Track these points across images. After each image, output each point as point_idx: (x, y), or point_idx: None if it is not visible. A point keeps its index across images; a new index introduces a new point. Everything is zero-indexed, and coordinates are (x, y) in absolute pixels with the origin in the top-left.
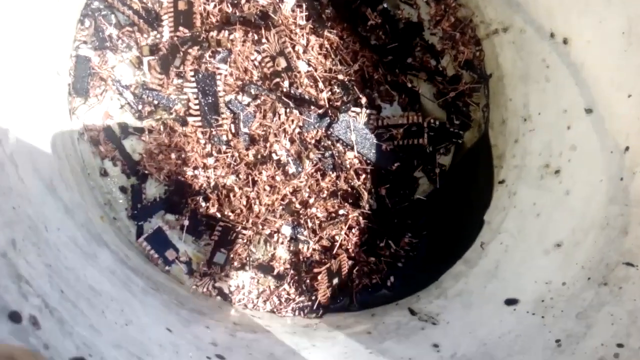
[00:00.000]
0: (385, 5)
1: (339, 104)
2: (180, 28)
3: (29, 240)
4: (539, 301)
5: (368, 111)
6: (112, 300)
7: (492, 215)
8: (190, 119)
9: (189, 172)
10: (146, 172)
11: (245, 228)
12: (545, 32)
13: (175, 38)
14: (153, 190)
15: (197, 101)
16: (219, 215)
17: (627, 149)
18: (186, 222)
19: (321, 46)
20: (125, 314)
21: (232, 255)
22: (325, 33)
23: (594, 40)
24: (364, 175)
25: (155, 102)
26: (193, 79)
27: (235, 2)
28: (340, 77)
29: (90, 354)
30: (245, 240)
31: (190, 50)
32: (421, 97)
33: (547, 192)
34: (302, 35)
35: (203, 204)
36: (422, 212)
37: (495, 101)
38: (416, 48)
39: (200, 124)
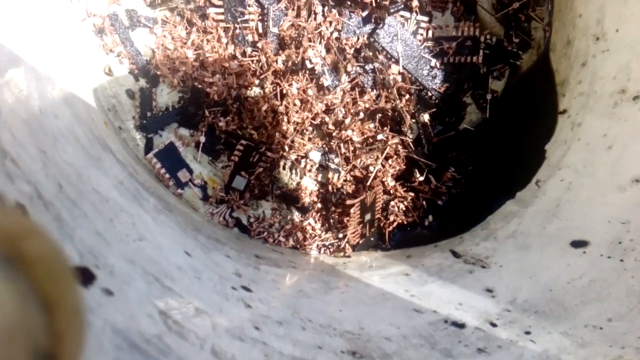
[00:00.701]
0: None
1: (386, 2)
2: None
3: (16, 113)
4: (616, 243)
5: (418, 17)
6: (121, 210)
7: (551, 150)
8: (211, 10)
9: (208, 77)
10: (158, 72)
11: (269, 149)
12: None
13: None
14: (165, 97)
15: None
16: (240, 132)
17: None
18: (202, 139)
19: None
20: (137, 228)
21: (252, 181)
22: None
23: None
24: (407, 96)
25: None
26: None
27: None
28: None
29: (97, 265)
30: (268, 164)
31: None
32: (478, 8)
33: (622, 121)
34: None
35: (222, 118)
36: (469, 144)
37: (561, 19)
38: None
39: (222, 17)
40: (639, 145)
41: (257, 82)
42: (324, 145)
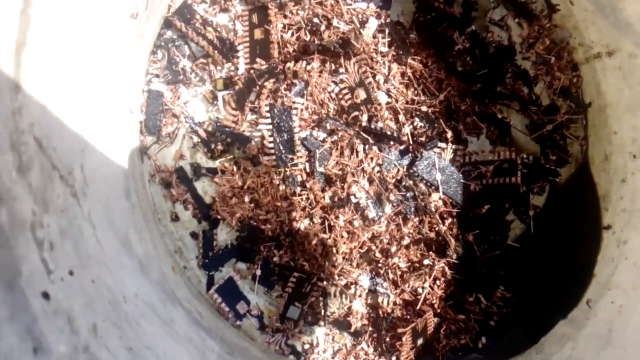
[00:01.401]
0: (474, 28)
1: (422, 139)
2: (257, 60)
3: (109, 321)
4: None
5: (454, 146)
6: None
7: (599, 267)
8: (264, 158)
9: (262, 216)
10: (218, 217)
11: (320, 279)
12: None
13: (252, 70)
14: (224, 236)
15: (271, 138)
16: (292, 264)
17: None
18: (258, 272)
19: (403, 74)
20: None
21: (306, 309)
22: (409, 60)
23: None
24: (449, 220)
25: (229, 139)
26: (268, 114)
27: (314, 29)
28: (424, 108)
29: None
30: (320, 293)
31: (266, 84)
32: (512, 130)
33: None
34: (384, 63)
35: (276, 252)
36: (516, 261)
37: (596, 134)
38: (507, 74)
39: (274, 163)
40: None
41: (306, 217)
42: (372, 270)
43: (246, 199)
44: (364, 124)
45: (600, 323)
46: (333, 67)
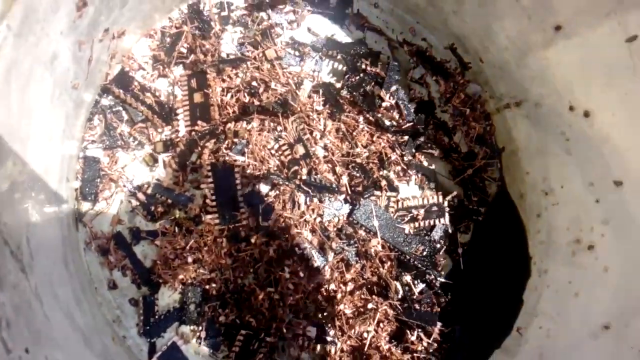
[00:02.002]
0: (398, 86)
1: (359, 188)
2: (198, 122)
3: None
4: None
5: (388, 193)
6: None
7: (526, 296)
8: (207, 217)
9: (206, 275)
10: (160, 280)
11: (268, 335)
12: (563, 105)
13: (193, 132)
14: (166, 300)
15: (214, 197)
16: (238, 322)
17: None
18: (203, 334)
19: (338, 130)
20: None
21: None
22: (342, 117)
23: (619, 113)
24: (388, 263)
25: (170, 201)
26: (210, 173)
27: (253, 91)
28: (358, 160)
29: None
30: (267, 349)
31: (207, 144)
32: (437, 175)
33: (582, 269)
34: (319, 120)
35: (221, 311)
36: (451, 297)
37: (511, 175)
38: (429, 126)
39: (217, 221)
40: (602, 292)
41: (251, 272)
42: (319, 321)
43: (189, 259)
44: (304, 177)
45: (531, 349)
46: (272, 125)
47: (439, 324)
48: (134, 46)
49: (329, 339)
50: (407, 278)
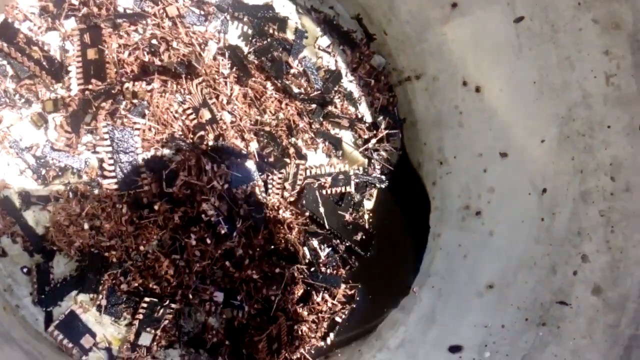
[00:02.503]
0: (306, 54)
1: (271, 159)
2: (92, 80)
3: None
4: (482, 346)
5: (297, 161)
6: None
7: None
8: (104, 182)
9: (105, 242)
10: (54, 247)
11: (174, 301)
12: (457, 80)
13: (87, 92)
14: (62, 268)
15: (112, 161)
16: (142, 289)
17: (544, 190)
18: (104, 302)
19: (245, 95)
20: None
21: (159, 334)
22: (250, 82)
23: (506, 89)
24: (296, 228)
25: (62, 164)
26: (107, 136)
27: (153, 50)
28: (267, 128)
29: None
30: (173, 315)
31: (103, 104)
32: (343, 144)
33: (471, 233)
34: (226, 84)
35: (122, 279)
36: (356, 260)
37: (410, 145)
38: (336, 95)
39: (116, 186)
40: (487, 255)
41: (155, 239)
42: (226, 284)
43: (85, 226)
44: (210, 143)
45: (425, 306)
46: (175, 87)
47: (343, 286)
48: None
49: (236, 303)
50: (315, 243)
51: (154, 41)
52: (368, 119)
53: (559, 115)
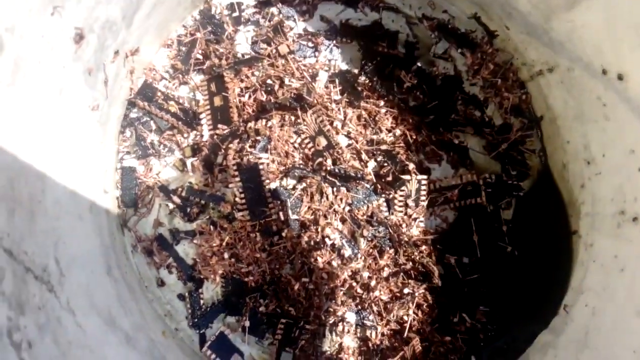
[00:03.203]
0: (419, 64)
1: (389, 178)
2: (219, 125)
3: None
4: None
5: (418, 177)
6: None
7: (572, 273)
8: (238, 214)
9: (244, 268)
10: (202, 276)
11: (308, 322)
12: (596, 69)
13: (215, 136)
14: (210, 293)
15: (242, 195)
16: (279, 311)
17: None
18: (247, 323)
19: (359, 117)
20: None
21: (297, 353)
22: (362, 104)
23: None
24: (424, 247)
25: (203, 201)
26: (237, 173)
27: (269, 89)
28: (384, 147)
29: None
30: (309, 335)
31: (230, 145)
32: (471, 152)
33: (628, 242)
34: (339, 109)
35: (262, 301)
36: (496, 277)
37: (552, 144)
38: (458, 102)
39: (249, 217)
40: None
41: (287, 264)
42: (357, 305)
43: (226, 255)
44: (329, 168)
45: (577, 327)
46: (292, 120)
47: (482, 306)
48: (154, 57)
49: (368, 323)
50: (452, 261)
51: (269, 81)
52: (498, 121)
53: None
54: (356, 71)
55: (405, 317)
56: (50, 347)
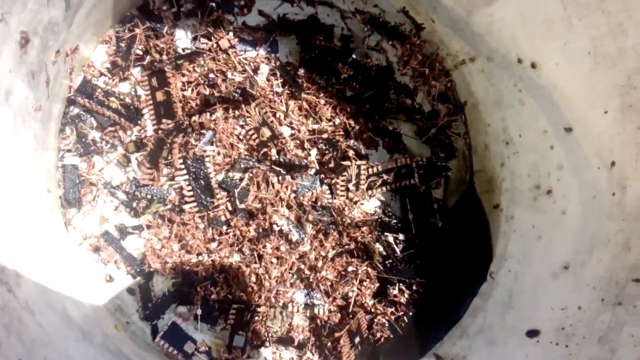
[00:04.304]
0: (354, 57)
1: (331, 165)
2: (163, 120)
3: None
4: (560, 329)
5: (358, 162)
6: None
7: (494, 242)
8: (186, 207)
9: (194, 259)
10: (151, 269)
11: (258, 305)
12: (512, 59)
13: (160, 131)
14: (160, 285)
15: (190, 187)
16: (230, 297)
17: (613, 164)
18: (199, 311)
19: (300, 108)
20: None
21: (250, 335)
22: (303, 95)
23: (561, 63)
24: (365, 227)
25: (149, 196)
26: (182, 166)
27: (212, 83)
28: (324, 135)
29: None
30: (261, 318)
31: (175, 139)
32: (403, 137)
33: (543, 213)
34: (281, 101)
35: (213, 289)
36: (429, 251)
37: (475, 127)
38: (390, 91)
39: (197, 209)
40: (560, 234)
41: (236, 252)
42: (305, 286)
43: (175, 247)
44: (274, 158)
45: (502, 291)
46: (237, 112)
47: (418, 278)
48: (92, 54)
49: (316, 302)
50: (390, 238)
51: (211, 75)
52: (426, 108)
53: (618, 84)
54: (296, 64)
55: (350, 294)
56: (16, 346)
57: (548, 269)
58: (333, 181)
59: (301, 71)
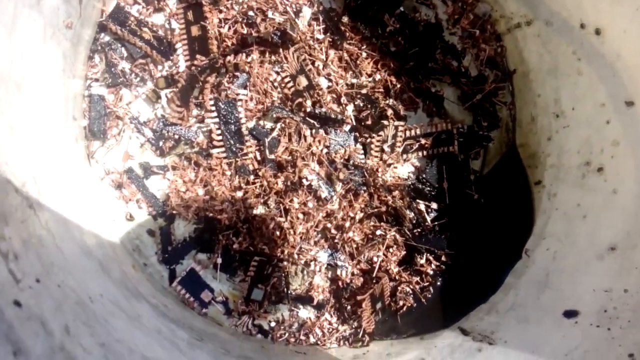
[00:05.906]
0: (402, 9)
1: (368, 122)
2: (197, 56)
3: (79, 321)
4: (602, 312)
5: (395, 123)
6: None
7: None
8: (214, 151)
9: (218, 206)
10: (174, 212)
11: (280, 260)
12: (574, 24)
13: (193, 67)
14: (182, 229)
15: (219, 131)
16: (252, 249)
17: None
18: (219, 260)
19: (340, 59)
20: None
21: (269, 290)
22: (344, 45)
23: (630, 29)
24: (397, 192)
25: (176, 136)
26: (213, 108)
27: (251, 22)
28: (363, 91)
29: None
30: (282, 273)
31: (208, 79)
32: (446, 102)
33: (592, 191)
34: (321, 49)
35: (235, 239)
36: (461, 222)
37: (522, 98)
38: (437, 50)
39: (224, 155)
40: (610, 215)
41: (261, 203)
42: (330, 246)
43: (200, 192)
44: (308, 109)
45: (538, 270)
46: (273, 57)
47: (447, 250)
48: None
49: (339, 263)
50: (421, 205)
51: (250, 13)
52: (473, 72)
53: None
54: (340, 10)
55: (375, 258)
56: (34, 263)
57: (592, 249)
58: (368, 140)
59: (345, 19)
